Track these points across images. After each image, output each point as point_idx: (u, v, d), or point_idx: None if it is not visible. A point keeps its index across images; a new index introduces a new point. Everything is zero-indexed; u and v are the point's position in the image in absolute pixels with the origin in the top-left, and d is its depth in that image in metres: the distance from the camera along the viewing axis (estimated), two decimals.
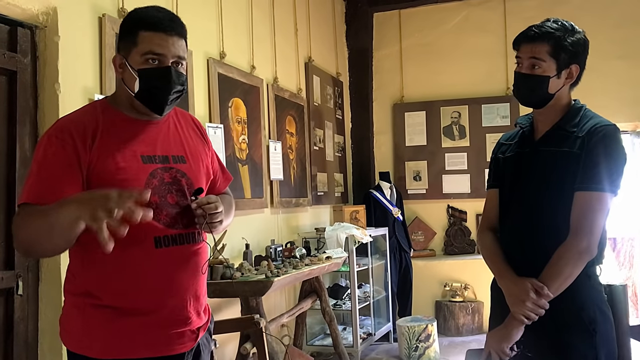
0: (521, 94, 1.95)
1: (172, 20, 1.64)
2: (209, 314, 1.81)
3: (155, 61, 1.60)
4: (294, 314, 4.07)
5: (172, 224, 1.64)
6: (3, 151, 2.43)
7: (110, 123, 1.62)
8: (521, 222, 1.93)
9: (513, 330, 1.84)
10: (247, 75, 4.14)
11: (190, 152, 1.75)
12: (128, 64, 1.62)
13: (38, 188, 1.51)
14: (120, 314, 1.59)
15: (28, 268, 2.49)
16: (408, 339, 4.88)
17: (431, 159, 6.32)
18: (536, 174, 1.91)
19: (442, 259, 6.06)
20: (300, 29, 5.17)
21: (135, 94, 1.62)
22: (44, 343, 2.53)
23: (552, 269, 1.80)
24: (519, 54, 1.92)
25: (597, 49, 2.39)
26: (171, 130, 1.74)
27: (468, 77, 6.16)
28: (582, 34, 1.91)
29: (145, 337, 1.61)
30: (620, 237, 5.98)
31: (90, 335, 1.59)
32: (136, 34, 1.60)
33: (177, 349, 1.65)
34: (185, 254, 1.67)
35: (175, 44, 1.62)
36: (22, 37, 2.50)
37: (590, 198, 1.79)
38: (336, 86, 6.00)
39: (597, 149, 1.80)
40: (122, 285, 1.59)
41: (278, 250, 3.93)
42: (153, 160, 1.64)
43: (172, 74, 1.61)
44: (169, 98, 1.64)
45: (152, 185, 1.60)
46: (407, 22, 6.44)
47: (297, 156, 4.94)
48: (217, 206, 1.67)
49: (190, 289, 1.68)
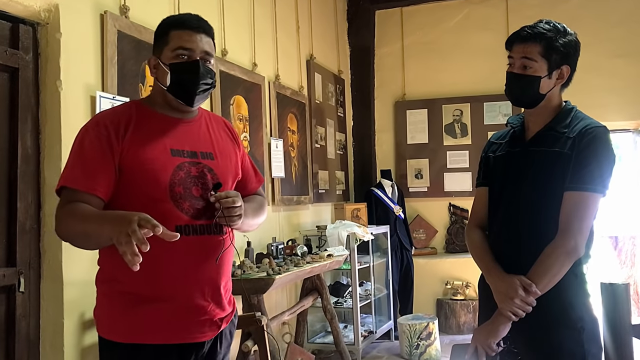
0: (513, 94, 1.97)
1: (199, 20, 1.79)
2: (233, 307, 1.87)
3: (185, 56, 1.73)
4: (295, 311, 4.07)
5: (196, 215, 1.72)
6: (5, 148, 2.43)
7: (143, 118, 1.74)
8: (510, 220, 1.94)
9: (500, 327, 1.86)
10: (249, 72, 4.14)
11: (219, 150, 1.85)
12: (161, 62, 1.76)
13: (75, 173, 1.64)
14: (142, 299, 1.67)
15: (30, 265, 2.49)
16: (409, 337, 4.88)
17: (433, 157, 6.32)
18: (526, 174, 1.92)
19: (443, 257, 6.06)
20: (302, 26, 5.17)
21: (167, 87, 1.75)
22: (45, 340, 2.53)
23: (540, 267, 1.81)
24: (511, 54, 1.94)
25: (598, 47, 2.40)
26: (202, 130, 1.85)
27: (470, 75, 6.15)
28: (574, 36, 1.93)
29: (166, 324, 1.68)
30: (621, 235, 5.97)
31: (116, 320, 1.70)
32: (168, 33, 1.76)
33: (197, 337, 1.73)
34: (207, 244, 1.73)
35: (203, 40, 1.76)
36: (24, 34, 2.50)
37: (580, 198, 1.81)
38: (338, 84, 6.00)
39: (588, 150, 1.82)
40: (143, 272, 1.63)
41: (279, 248, 3.93)
42: (181, 154, 1.74)
43: (200, 67, 1.73)
44: (198, 89, 1.75)
45: (179, 177, 1.70)
46: (408, 20, 6.43)
47: (298, 154, 4.94)
48: (235, 201, 1.72)
49: (210, 278, 1.75)
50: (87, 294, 2.61)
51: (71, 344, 2.54)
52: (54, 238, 2.52)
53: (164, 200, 1.67)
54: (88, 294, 2.62)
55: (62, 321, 2.51)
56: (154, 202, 1.66)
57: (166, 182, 1.67)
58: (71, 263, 2.54)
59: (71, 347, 2.54)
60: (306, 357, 3.97)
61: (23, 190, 2.46)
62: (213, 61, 1.81)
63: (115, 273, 1.69)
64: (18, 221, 2.44)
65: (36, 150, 2.54)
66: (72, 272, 2.54)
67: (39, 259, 2.53)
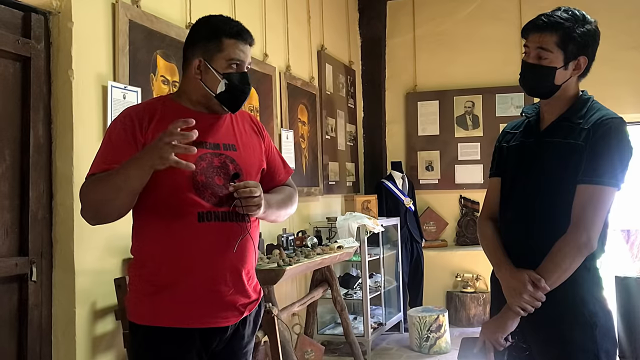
0: (527, 84, 1.93)
1: (248, 31, 1.85)
2: (259, 295, 1.91)
3: (235, 66, 1.81)
4: (305, 302, 4.08)
5: (218, 202, 1.77)
6: (17, 137, 2.44)
7: (169, 112, 1.79)
8: (522, 212, 1.90)
9: (508, 321, 1.83)
10: (260, 63, 4.12)
11: (242, 142, 1.90)
12: (212, 68, 1.79)
13: (102, 161, 1.72)
14: (165, 284, 1.73)
15: (42, 254, 2.50)
16: (419, 329, 4.87)
17: (444, 148, 6.28)
18: (539, 165, 1.88)
19: (453, 250, 6.04)
20: (312, 17, 5.14)
21: (217, 94, 1.80)
22: (57, 330, 2.54)
23: (550, 261, 1.78)
24: (527, 42, 1.89)
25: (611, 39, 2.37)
26: (226, 123, 1.89)
27: (482, 67, 6.09)
28: (594, 25, 1.87)
29: (187, 308, 1.73)
30: (634, 229, 5.92)
31: (140, 304, 1.76)
32: (221, 40, 1.79)
33: (219, 322, 1.77)
34: (229, 231, 1.78)
35: (249, 52, 1.85)
36: (35, 23, 2.49)
37: (593, 192, 1.76)
38: (348, 75, 5.97)
39: (602, 142, 1.77)
40: (167, 256, 1.74)
41: (290, 239, 3.93)
42: (204, 146, 1.78)
43: (248, 80, 1.84)
44: (245, 98, 1.85)
45: (200, 166, 1.75)
46: (420, 10, 6.38)
47: (309, 145, 4.92)
48: (253, 191, 1.76)
49: (232, 265, 1.79)
50: (98, 284, 2.63)
51: (83, 333, 2.56)
52: (66, 227, 2.54)
53: (187, 189, 1.73)
54: (99, 284, 2.64)
55: (73, 310, 2.52)
56: (177, 190, 1.73)
57: (188, 172, 1.70)
58: (83, 253, 2.55)
59: (83, 336, 2.56)
60: (316, 348, 3.97)
61: (35, 179, 2.47)
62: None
63: (144, 259, 1.78)
64: (30, 211, 2.44)
65: (48, 140, 2.54)
66: (83, 261, 2.55)
67: (51, 249, 2.54)
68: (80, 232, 2.52)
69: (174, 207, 1.73)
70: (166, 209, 1.74)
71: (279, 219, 2.00)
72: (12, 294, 2.40)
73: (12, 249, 2.40)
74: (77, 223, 2.51)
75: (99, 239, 2.63)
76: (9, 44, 2.37)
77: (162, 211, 1.74)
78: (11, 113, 2.42)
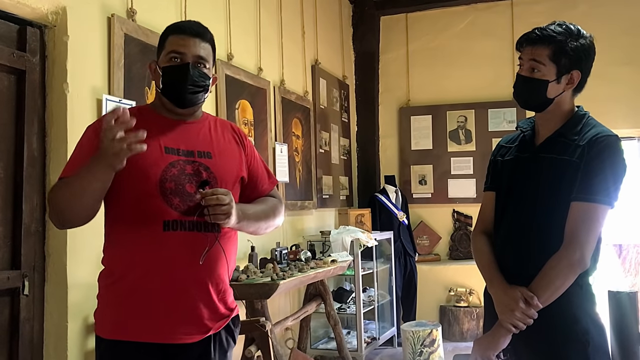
0: (520, 97, 1.94)
1: (197, 25, 1.83)
2: (232, 311, 1.82)
3: (177, 59, 1.77)
4: (299, 317, 4.06)
5: (186, 211, 1.71)
6: (11, 150, 2.43)
7: (144, 120, 1.72)
8: (516, 227, 1.90)
9: (500, 339, 1.82)
10: (254, 77, 4.14)
11: (219, 150, 1.85)
12: (158, 66, 1.81)
13: (71, 165, 1.70)
14: (126, 294, 1.68)
15: (34, 268, 2.48)
16: (412, 343, 4.85)
17: (437, 163, 6.31)
18: (534, 181, 1.88)
19: (447, 264, 6.04)
20: (307, 31, 5.17)
21: (161, 90, 1.80)
22: (49, 344, 2.52)
23: (543, 279, 1.77)
24: (521, 55, 1.90)
25: (604, 55, 2.39)
26: (203, 131, 1.86)
27: (475, 82, 6.14)
28: (588, 39, 1.87)
29: (148, 321, 1.67)
30: (625, 243, 5.95)
31: (103, 316, 1.73)
32: (166, 39, 1.82)
33: (181, 339, 1.69)
34: (196, 242, 1.71)
35: (197, 45, 1.79)
36: (31, 37, 2.50)
37: (586, 209, 1.76)
38: (342, 89, 6.00)
39: (597, 160, 1.77)
40: (130, 264, 1.70)
41: (283, 253, 3.92)
42: (176, 153, 1.76)
43: (190, 70, 1.75)
44: (187, 91, 1.76)
45: (170, 173, 1.72)
46: (414, 25, 6.44)
47: (302, 159, 4.93)
48: (221, 199, 1.68)
49: (197, 277, 1.71)
50: (91, 297, 2.60)
51: (75, 348, 2.53)
52: (59, 241, 2.53)
53: (154, 195, 1.69)
54: (92, 297, 2.60)
55: (66, 324, 2.50)
56: (144, 196, 1.69)
57: (156, 178, 1.68)
58: (75, 266, 2.53)
59: (75, 350, 2.53)
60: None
61: (28, 192, 2.46)
62: (209, 66, 1.83)
63: (111, 268, 1.74)
64: (23, 224, 2.43)
65: (42, 153, 2.54)
66: (76, 275, 2.53)
67: (44, 262, 2.53)
68: (73, 245, 2.51)
69: (140, 214, 1.69)
70: (132, 217, 1.70)
71: (259, 230, 1.91)
72: (3, 308, 2.38)
73: (4, 262, 2.39)
74: (70, 237, 2.49)
75: (92, 252, 2.61)
76: (4, 57, 2.37)
77: (128, 219, 1.70)
78: (5, 126, 2.42)
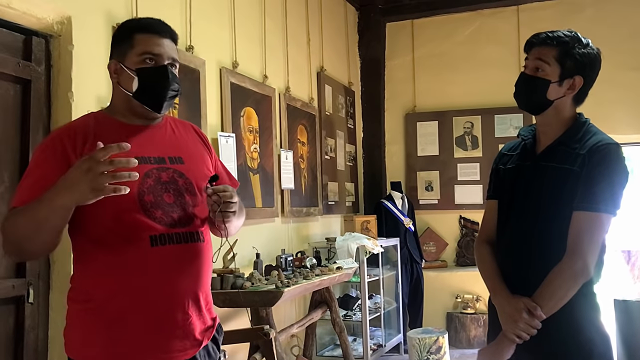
0: (520, 96, 1.92)
1: (165, 24, 1.73)
2: (215, 321, 1.77)
3: (152, 61, 1.66)
4: (304, 324, 4.05)
5: (170, 223, 1.63)
6: (16, 160, 2.45)
7: (103, 129, 1.65)
8: (519, 236, 1.89)
9: (504, 349, 1.81)
10: (260, 84, 4.15)
11: (189, 153, 1.76)
12: (124, 66, 1.67)
13: (27, 193, 1.52)
14: (116, 317, 1.57)
15: (39, 276, 2.49)
16: (419, 350, 4.83)
17: (443, 169, 6.29)
18: (535, 189, 1.87)
19: (453, 270, 6.02)
20: (312, 38, 5.18)
21: (134, 93, 1.66)
22: (53, 352, 2.53)
23: (546, 289, 1.76)
24: (528, 56, 1.90)
25: (610, 60, 2.39)
26: (168, 134, 1.76)
27: (481, 88, 6.13)
28: (595, 51, 1.87)
29: (143, 343, 1.58)
30: (634, 250, 5.90)
31: (89, 342, 1.58)
32: (132, 37, 1.67)
33: (177, 356, 1.62)
34: (185, 253, 1.65)
35: (169, 46, 1.70)
36: (36, 46, 2.52)
37: (589, 218, 1.75)
38: (348, 96, 6.00)
39: (598, 168, 1.76)
40: (117, 287, 1.58)
41: (288, 260, 3.91)
42: (147, 161, 1.64)
43: (169, 73, 1.67)
44: (167, 95, 1.67)
45: (147, 184, 1.61)
46: (419, 32, 6.43)
47: (308, 165, 4.93)
48: (233, 195, 1.66)
49: (190, 290, 1.65)
50: None
51: None
52: (63, 249, 2.51)
53: (134, 211, 1.57)
54: None
55: None
56: (122, 214, 1.57)
57: (134, 192, 1.55)
58: None
59: None
60: None
61: None
62: (177, 66, 1.74)
63: (89, 291, 1.60)
64: None
65: None
66: None
67: (48, 270, 2.54)
68: None
69: (122, 233, 1.56)
70: (113, 237, 1.57)
71: (234, 230, 1.85)
72: (8, 316, 2.39)
73: (9, 271, 2.40)
74: None
75: None
76: (10, 67, 2.39)
77: (109, 239, 1.57)
78: (11, 135, 2.43)
